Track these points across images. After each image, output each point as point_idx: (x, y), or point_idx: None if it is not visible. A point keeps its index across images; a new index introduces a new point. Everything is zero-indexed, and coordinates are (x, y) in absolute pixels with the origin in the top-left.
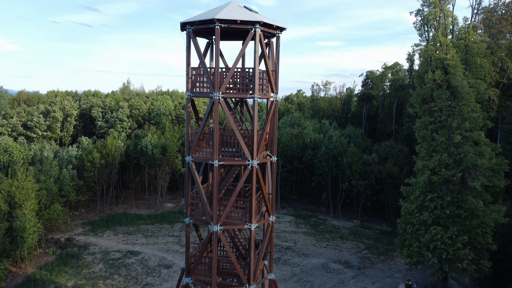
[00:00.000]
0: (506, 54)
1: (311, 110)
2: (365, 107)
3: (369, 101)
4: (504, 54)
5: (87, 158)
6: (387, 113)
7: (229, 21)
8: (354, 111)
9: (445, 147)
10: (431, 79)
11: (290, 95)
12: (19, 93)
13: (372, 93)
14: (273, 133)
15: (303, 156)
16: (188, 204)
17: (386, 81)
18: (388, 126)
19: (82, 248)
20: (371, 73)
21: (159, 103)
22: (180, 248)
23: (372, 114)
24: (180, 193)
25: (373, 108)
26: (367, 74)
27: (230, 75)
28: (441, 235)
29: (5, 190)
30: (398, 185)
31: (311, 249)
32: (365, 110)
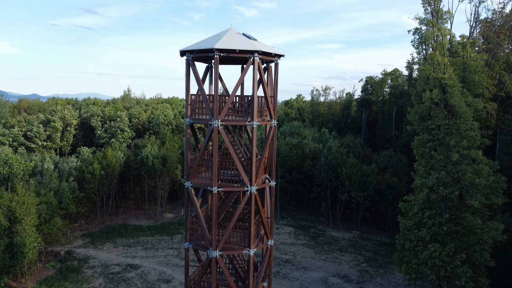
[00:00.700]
0: (504, 68)
1: (310, 114)
2: (364, 112)
3: (369, 106)
4: (501, 68)
5: (88, 169)
6: (387, 119)
7: (228, 50)
8: (354, 115)
9: (443, 165)
10: (428, 98)
11: (290, 100)
12: (19, 101)
13: (372, 98)
14: (272, 157)
15: (303, 166)
16: (187, 229)
17: (385, 87)
18: (387, 132)
19: (82, 261)
20: (371, 79)
21: (159, 111)
22: (180, 262)
23: (371, 119)
24: (179, 203)
25: (372, 113)
26: (367, 80)
27: (229, 103)
28: (439, 252)
29: (5, 205)
30: (397, 196)
31: (310, 262)
32: (365, 115)
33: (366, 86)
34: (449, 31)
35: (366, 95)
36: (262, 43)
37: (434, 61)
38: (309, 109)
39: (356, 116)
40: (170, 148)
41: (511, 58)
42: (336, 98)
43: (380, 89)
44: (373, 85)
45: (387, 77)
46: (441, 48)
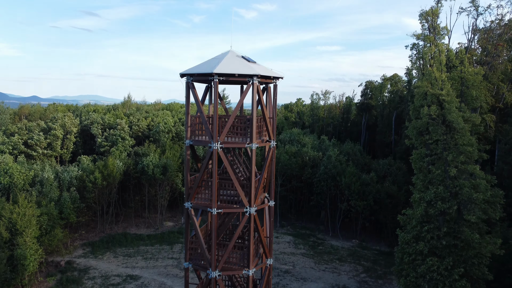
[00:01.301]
0: (501, 79)
1: (310, 118)
2: (364, 117)
3: (368, 111)
4: (499, 79)
5: (88, 178)
6: (386, 124)
7: (228, 74)
8: (354, 119)
9: (441, 179)
10: (426, 114)
11: (290, 104)
12: (21, 107)
13: (371, 103)
14: (271, 177)
15: (302, 174)
16: (187, 249)
17: (385, 92)
18: (387, 136)
19: (82, 272)
20: (370, 83)
21: (159, 118)
22: (180, 272)
23: (371, 123)
24: (179, 210)
25: (372, 117)
26: (366, 84)
27: (228, 125)
28: (437, 266)
29: (6, 217)
30: (396, 205)
31: (309, 273)
32: (365, 120)
33: (365, 91)
34: (446, 46)
35: (366, 99)
36: (261, 65)
37: (431, 78)
38: (309, 113)
39: (355, 120)
40: (170, 157)
41: (509, 68)
42: (336, 102)
43: (380, 94)
44: (372, 89)
45: (386, 82)
46: (439, 64)
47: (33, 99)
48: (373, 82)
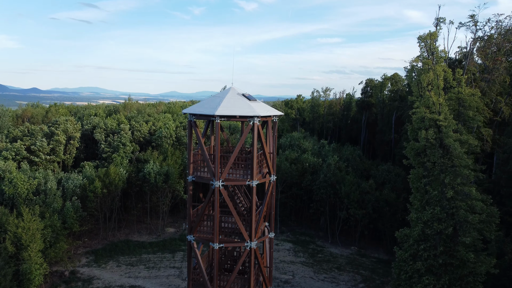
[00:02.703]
0: (500, 92)
1: (311, 114)
2: (364, 115)
3: (369, 109)
4: (497, 93)
5: (90, 188)
6: (386, 122)
7: (229, 116)
8: (354, 116)
9: (438, 200)
10: (424, 138)
11: (290, 100)
12: (23, 111)
13: (371, 101)
14: (271, 210)
15: (302, 181)
16: (189, 279)
17: (385, 91)
18: (387, 135)
19: (86, 282)
20: (371, 81)
21: (160, 123)
22: (182, 283)
23: (371, 121)
24: (181, 215)
25: (372, 115)
26: (367, 82)
27: (229, 164)
28: (433, 285)
29: (12, 231)
30: (395, 213)
31: (309, 283)
32: (365, 118)
33: (366, 89)
34: (444, 66)
35: (366, 97)
36: (260, 103)
37: (429, 102)
38: (309, 109)
39: (356, 117)
40: (172, 164)
41: (507, 81)
42: (336, 98)
43: (380, 92)
44: (373, 87)
45: (386, 81)
46: (436, 89)
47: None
48: (373, 80)
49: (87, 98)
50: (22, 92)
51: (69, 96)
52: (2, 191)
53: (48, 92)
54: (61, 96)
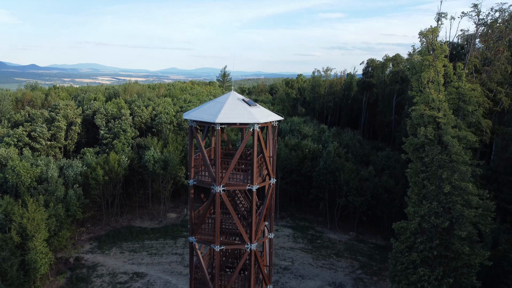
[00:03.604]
0: (500, 81)
1: (311, 94)
2: (365, 95)
3: (369, 89)
4: (498, 83)
5: (92, 175)
6: (387, 103)
7: (229, 124)
8: (355, 96)
9: (435, 194)
10: (423, 134)
11: (291, 80)
12: (22, 94)
13: (372, 81)
14: (271, 211)
15: (302, 168)
16: (191, 278)
17: (386, 72)
18: (387, 116)
19: (90, 269)
20: (372, 61)
21: (161, 108)
22: (184, 269)
23: (372, 101)
24: (182, 200)
25: (373, 95)
26: (368, 62)
27: (230, 170)
28: (428, 276)
29: (17, 221)
30: (393, 199)
31: (307, 270)
32: (365, 98)
33: (367, 69)
34: (445, 61)
35: (367, 77)
36: (260, 108)
37: (429, 98)
38: (310, 89)
39: (356, 97)
40: (172, 150)
41: (508, 70)
42: (337, 78)
43: (381, 73)
44: (374, 67)
45: (388, 62)
46: (436, 85)
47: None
48: (374, 60)
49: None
50: (20, 68)
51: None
52: (5, 179)
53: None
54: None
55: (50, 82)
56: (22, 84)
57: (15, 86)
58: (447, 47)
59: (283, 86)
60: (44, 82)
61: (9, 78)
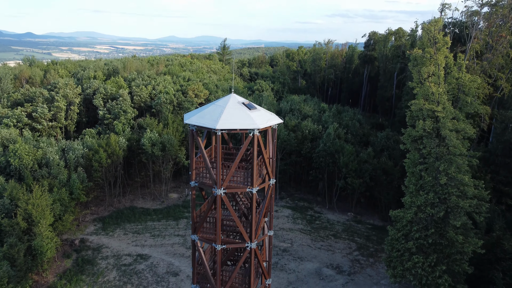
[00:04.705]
0: (502, 66)
1: (312, 65)
2: (366, 68)
3: (371, 62)
4: (499, 67)
5: (94, 157)
6: (388, 78)
7: (229, 129)
8: (356, 69)
9: (431, 185)
10: (421, 128)
11: (291, 52)
12: (20, 71)
13: (374, 54)
14: (270, 210)
15: (302, 149)
16: (194, 273)
17: (388, 45)
18: (388, 91)
19: (95, 251)
20: (374, 34)
21: (161, 86)
22: (186, 251)
23: (373, 75)
24: (183, 179)
25: (374, 68)
26: (370, 35)
27: (230, 174)
28: (422, 263)
29: (22, 207)
30: (392, 181)
31: (306, 251)
32: (367, 72)
33: (369, 42)
34: (447, 51)
35: (369, 51)
36: (261, 111)
37: (429, 92)
38: (311, 61)
39: (358, 70)
40: (172, 132)
41: (510, 54)
42: (339, 50)
43: (383, 47)
44: (376, 41)
45: (390, 36)
46: (437, 78)
47: (28, 36)
48: (376, 33)
49: (83, 43)
50: (16, 37)
51: (65, 41)
52: (8, 162)
53: (44, 37)
54: (57, 41)
55: (47, 51)
56: (19, 53)
57: (11, 55)
58: (449, 39)
59: (283, 58)
60: (41, 51)
61: (5, 46)
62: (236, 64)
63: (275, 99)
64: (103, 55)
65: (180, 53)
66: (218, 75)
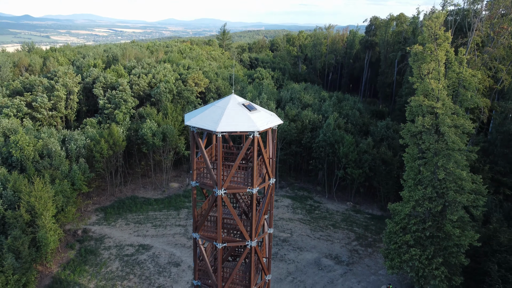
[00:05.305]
0: (503, 58)
1: (313, 50)
2: (367, 54)
3: (372, 48)
4: (500, 59)
5: (96, 148)
6: (389, 63)
7: (230, 132)
8: (357, 53)
9: (430, 180)
10: (420, 124)
11: (292, 37)
12: (19, 59)
13: (375, 40)
14: (271, 208)
15: (302, 139)
16: (196, 269)
17: (390, 31)
18: (389, 77)
19: (98, 241)
20: (375, 19)
21: (160, 75)
22: (187, 242)
23: (374, 60)
24: (184, 168)
25: (376, 54)
26: (371, 20)
27: (231, 175)
28: (419, 255)
29: (25, 200)
30: (391, 171)
31: (305, 241)
32: (368, 57)
33: (370, 27)
34: (448, 45)
35: (370, 36)
36: (261, 112)
37: (429, 88)
38: (311, 46)
39: (359, 54)
40: (171, 122)
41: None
42: (340, 34)
43: (385, 33)
44: (377, 26)
45: (391, 21)
46: (437, 74)
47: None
48: (378, 18)
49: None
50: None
51: (63, 23)
52: (9, 153)
53: (41, 20)
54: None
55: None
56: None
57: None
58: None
59: (284, 43)
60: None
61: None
62: (236, 50)
63: (276, 87)
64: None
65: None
66: (218, 62)
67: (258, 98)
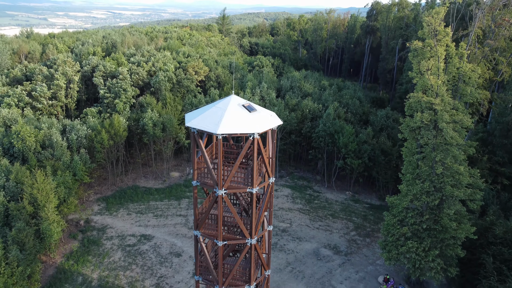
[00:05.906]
0: (503, 50)
1: (314, 34)
2: (368, 39)
3: (373, 33)
4: (501, 51)
5: (97, 139)
6: (390, 49)
7: (230, 134)
8: (358, 38)
9: (427, 174)
10: (419, 120)
11: (292, 21)
12: (18, 46)
13: (376, 25)
14: (270, 206)
15: (302, 128)
16: (197, 266)
17: (391, 16)
18: (390, 63)
19: (100, 231)
20: (377, 4)
21: (160, 63)
22: (188, 232)
23: (375, 45)
24: (184, 157)
25: (377, 39)
26: (373, 5)
27: (231, 176)
28: (416, 248)
29: (28, 192)
30: (390, 161)
31: (305, 231)
32: (369, 42)
33: (371, 12)
34: (447, 41)
35: (371, 21)
36: (261, 112)
37: (428, 84)
38: (312, 31)
39: (359, 40)
40: (171, 112)
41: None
42: (341, 18)
43: (386, 18)
44: (379, 10)
45: (393, 7)
46: (436, 69)
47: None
48: (379, 3)
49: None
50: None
51: (61, 6)
52: (11, 143)
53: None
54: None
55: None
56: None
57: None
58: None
59: (284, 27)
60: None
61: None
62: (236, 36)
63: (276, 75)
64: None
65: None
66: (218, 48)
67: (258, 87)
